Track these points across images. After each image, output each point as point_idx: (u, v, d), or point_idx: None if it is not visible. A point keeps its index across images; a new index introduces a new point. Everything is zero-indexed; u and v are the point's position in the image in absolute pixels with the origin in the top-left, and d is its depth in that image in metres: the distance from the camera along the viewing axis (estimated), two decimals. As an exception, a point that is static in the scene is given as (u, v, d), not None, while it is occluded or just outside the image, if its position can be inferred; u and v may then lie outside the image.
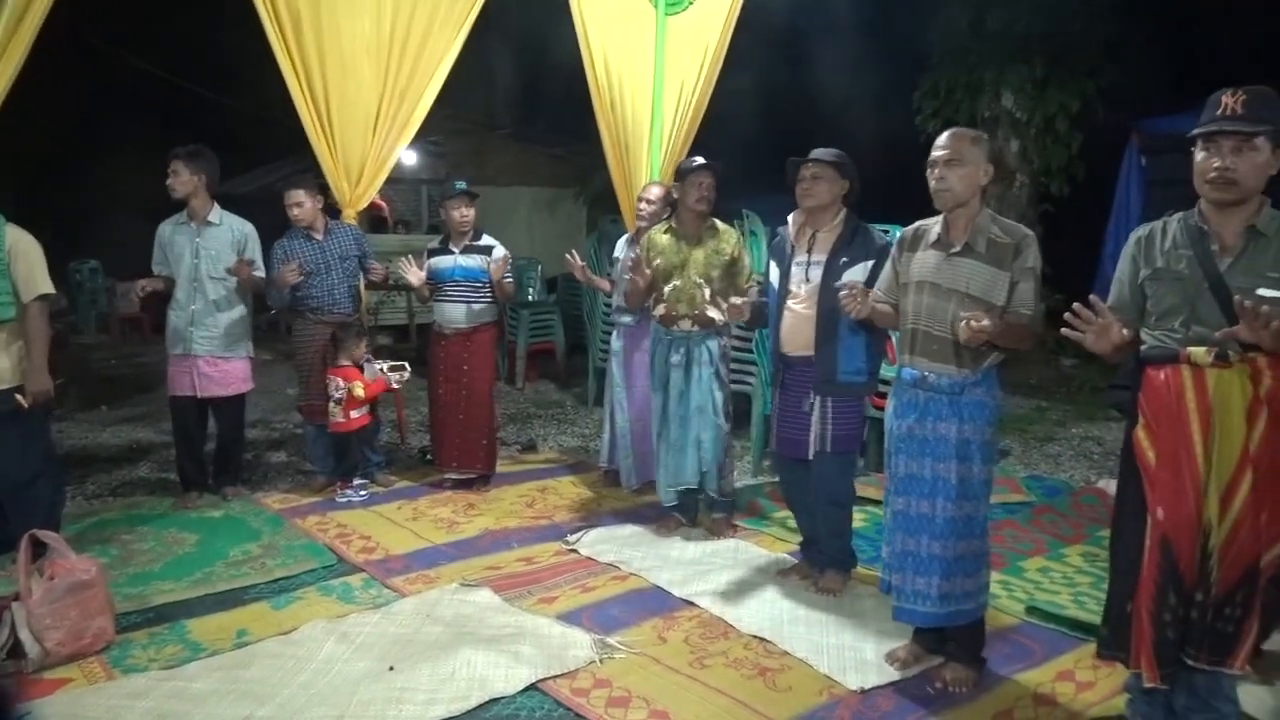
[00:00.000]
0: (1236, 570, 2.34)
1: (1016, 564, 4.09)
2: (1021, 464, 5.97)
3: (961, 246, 2.87)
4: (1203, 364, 2.33)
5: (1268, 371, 2.26)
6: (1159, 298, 2.45)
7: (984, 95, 9.29)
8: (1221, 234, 2.36)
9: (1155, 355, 2.44)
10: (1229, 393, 2.30)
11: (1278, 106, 2.30)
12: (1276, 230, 2.31)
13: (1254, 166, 2.28)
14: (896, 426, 3.00)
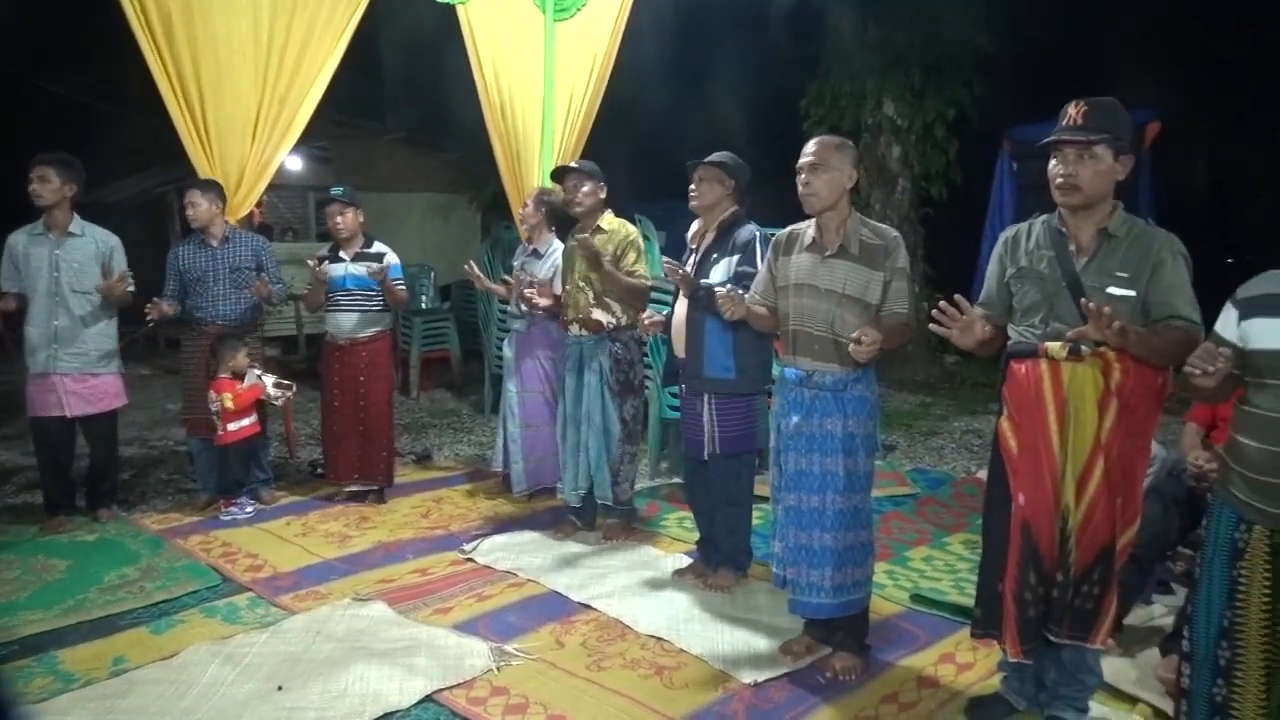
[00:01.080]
0: (1092, 551, 2.49)
1: (902, 554, 4.25)
2: (907, 458, 6.19)
3: (836, 249, 2.97)
4: (1059, 358, 2.47)
5: (1117, 365, 2.41)
6: (1023, 295, 2.59)
7: (867, 103, 9.61)
8: (1078, 236, 2.51)
9: (1018, 350, 2.58)
10: (1083, 385, 2.45)
11: (1119, 116, 2.46)
12: (1126, 233, 2.47)
13: (1095, 173, 2.43)
14: (784, 424, 3.08)
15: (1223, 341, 2.15)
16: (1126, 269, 2.42)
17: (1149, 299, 2.41)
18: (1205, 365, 2.03)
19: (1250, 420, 2.10)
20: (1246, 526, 2.11)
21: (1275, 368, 2.05)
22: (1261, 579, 2.09)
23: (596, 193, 4.26)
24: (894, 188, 9.69)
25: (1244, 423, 2.13)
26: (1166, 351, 2.34)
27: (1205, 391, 2.11)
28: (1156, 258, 2.41)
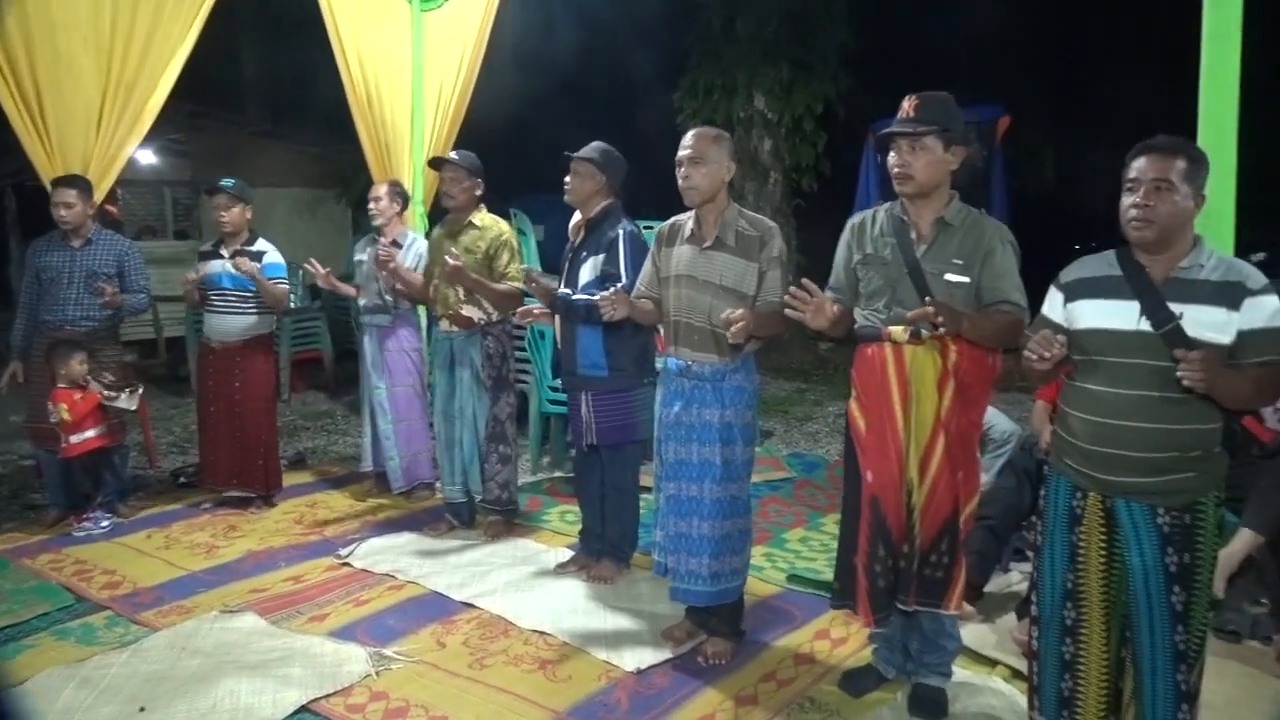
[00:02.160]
0: (937, 524, 2.63)
1: (780, 536, 4.37)
2: (783, 443, 6.37)
3: (713, 240, 3.02)
4: (901, 341, 2.60)
5: (953, 348, 2.56)
6: (868, 280, 2.70)
7: (738, 96, 9.79)
8: (918, 224, 2.64)
9: (864, 333, 2.71)
10: (923, 366, 2.59)
11: (949, 110, 2.59)
12: (962, 222, 2.61)
13: (927, 163, 2.56)
14: (664, 414, 3.12)
15: (1049, 323, 2.30)
16: (962, 256, 2.56)
17: (981, 285, 2.56)
18: (1042, 351, 2.16)
19: (1079, 395, 2.24)
20: (1082, 494, 2.26)
21: (1100, 345, 2.19)
22: (1098, 542, 2.24)
23: (473, 188, 4.19)
24: (766, 180, 9.92)
25: (1074, 397, 2.27)
26: (996, 335, 2.49)
27: (1041, 375, 2.25)
28: (988, 246, 2.56)
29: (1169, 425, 2.12)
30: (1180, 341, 2.06)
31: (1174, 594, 2.15)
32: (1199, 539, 2.15)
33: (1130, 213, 2.14)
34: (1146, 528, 2.17)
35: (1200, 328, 2.07)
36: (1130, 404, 2.14)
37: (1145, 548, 2.17)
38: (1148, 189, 2.12)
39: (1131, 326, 2.14)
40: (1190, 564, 2.15)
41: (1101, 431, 2.18)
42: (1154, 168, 2.12)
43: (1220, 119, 3.23)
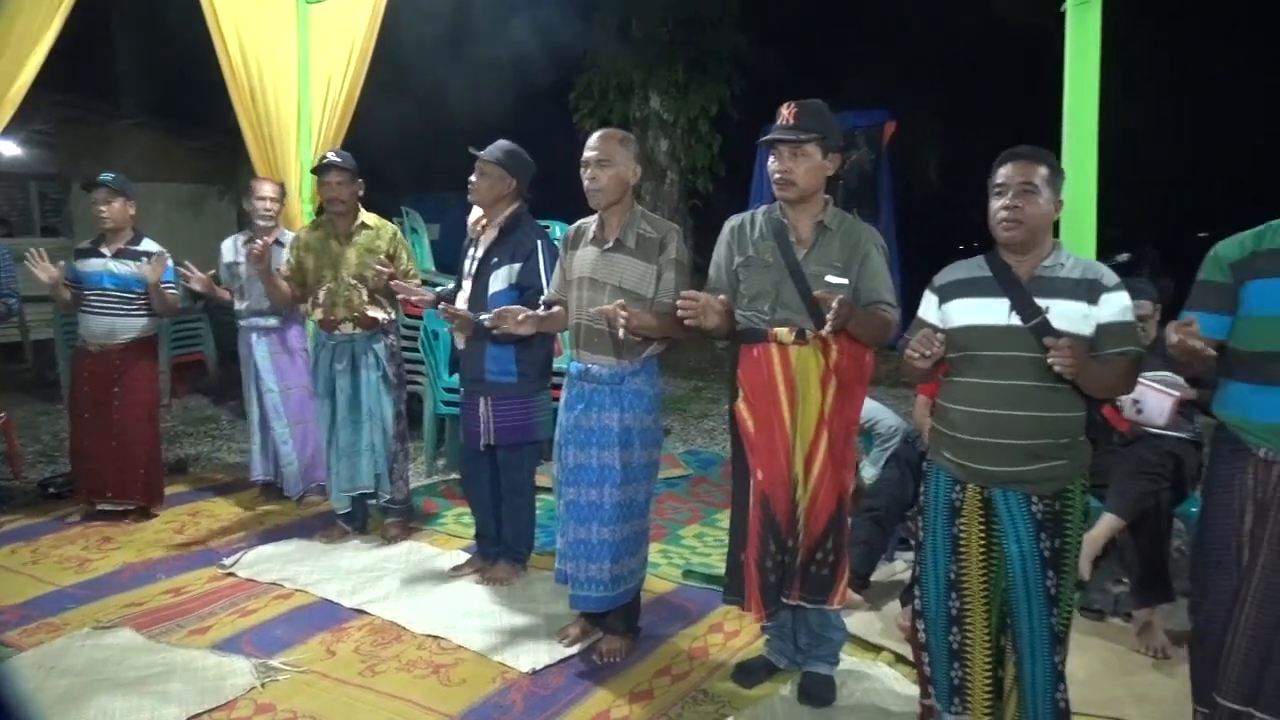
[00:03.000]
0: (822, 521, 2.71)
1: (676, 533, 4.42)
2: (680, 441, 6.44)
3: (614, 242, 3.02)
4: (786, 342, 2.67)
5: (834, 346, 2.65)
6: (750, 282, 2.75)
7: (634, 96, 9.87)
8: (798, 228, 2.72)
9: (748, 334, 2.76)
10: (807, 366, 2.66)
11: (827, 117, 2.68)
12: (839, 225, 2.70)
13: (808, 169, 2.64)
14: (566, 418, 3.11)
15: (925, 324, 2.40)
16: (841, 259, 2.66)
17: (859, 286, 2.65)
18: (923, 349, 2.26)
19: (958, 389, 2.35)
20: (961, 487, 2.36)
21: (975, 340, 2.31)
22: (978, 532, 2.35)
23: (358, 190, 4.12)
24: (663, 180, 10.03)
25: (953, 392, 2.37)
26: (874, 333, 2.60)
27: (920, 373, 2.35)
28: (864, 249, 2.67)
29: (1042, 413, 2.25)
30: (1048, 333, 2.20)
31: (1048, 578, 2.27)
32: (1068, 524, 2.29)
33: (1000, 214, 2.27)
34: (1022, 516, 2.28)
35: (1065, 320, 2.22)
36: (1007, 394, 2.26)
37: (1022, 535, 2.28)
38: (1016, 192, 2.25)
39: (1003, 321, 2.26)
40: (1060, 548, 2.28)
41: (981, 422, 2.28)
42: (1020, 173, 2.25)
43: (1082, 127, 3.43)
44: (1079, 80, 3.43)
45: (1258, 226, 2.23)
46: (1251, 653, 2.12)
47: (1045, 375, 2.19)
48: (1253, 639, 2.12)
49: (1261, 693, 2.12)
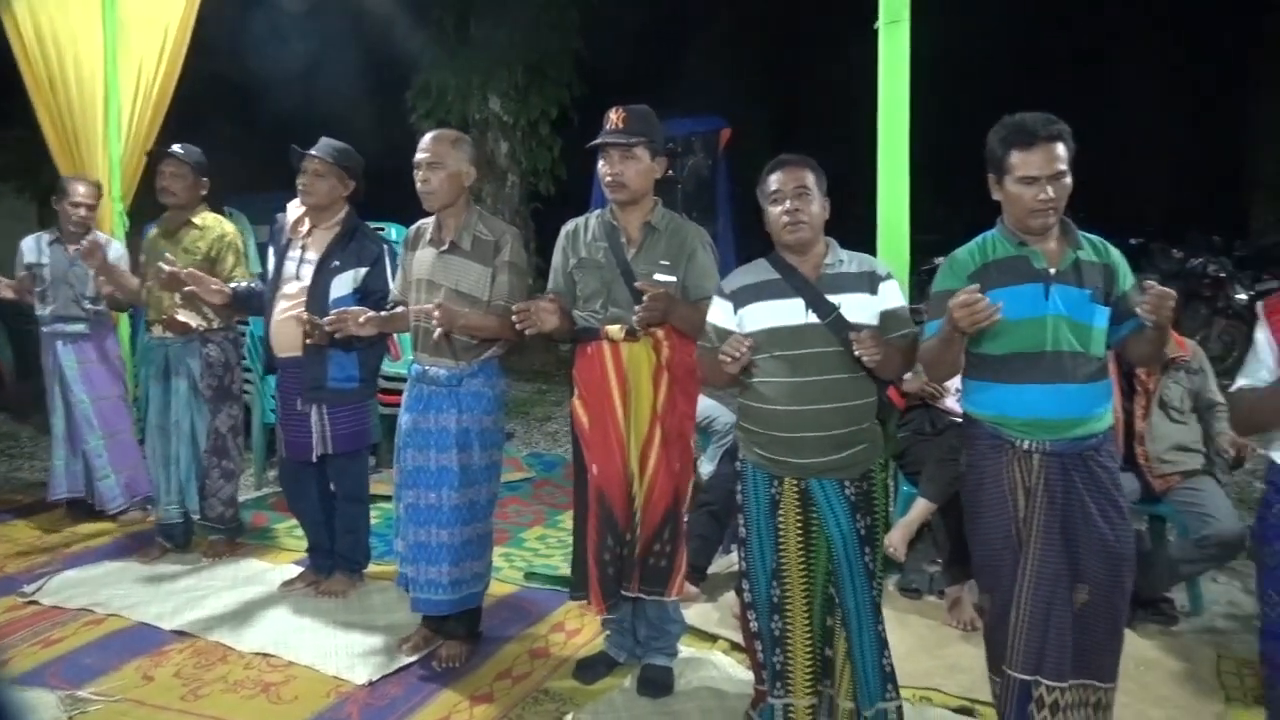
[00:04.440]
0: (658, 514, 2.79)
1: (518, 536, 4.41)
2: (524, 444, 6.43)
3: (450, 244, 3.00)
4: (618, 339, 2.75)
5: (665, 343, 2.74)
6: (584, 283, 2.83)
7: (473, 98, 9.74)
8: (628, 229, 2.81)
9: (583, 333, 2.83)
10: (639, 362, 2.75)
11: (653, 121, 2.78)
12: (666, 226, 2.81)
13: (637, 172, 2.74)
14: (405, 421, 3.07)
15: (720, 331, 2.50)
16: (668, 257, 2.76)
17: (687, 283, 2.77)
18: (733, 352, 2.36)
19: (766, 389, 2.45)
20: (779, 482, 2.48)
21: (777, 341, 2.42)
22: (795, 523, 2.47)
23: (197, 186, 3.91)
24: (504, 182, 9.95)
25: (761, 392, 2.46)
26: (699, 327, 2.66)
27: (730, 377, 2.44)
28: (690, 247, 2.78)
29: (847, 402, 2.40)
30: (844, 327, 2.35)
31: (866, 554, 2.44)
32: (875, 503, 2.47)
33: (783, 219, 2.41)
34: (838, 500, 2.43)
35: (855, 313, 2.39)
36: (812, 389, 2.39)
37: (840, 518, 2.42)
38: (793, 195, 2.39)
39: (801, 320, 2.40)
40: (872, 525, 2.46)
41: (792, 418, 2.40)
42: (793, 178, 2.41)
43: (894, 140, 3.66)
44: (891, 96, 3.66)
45: (977, 237, 2.42)
46: (1033, 628, 2.32)
47: (845, 367, 2.36)
48: (1033, 615, 2.32)
49: (1044, 663, 2.32)
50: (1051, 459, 2.30)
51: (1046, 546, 2.30)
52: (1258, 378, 2.12)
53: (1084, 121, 2.87)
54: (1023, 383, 2.30)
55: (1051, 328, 2.28)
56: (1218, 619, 3.44)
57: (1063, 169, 2.25)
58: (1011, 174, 2.28)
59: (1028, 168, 2.25)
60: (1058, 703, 2.32)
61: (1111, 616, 2.35)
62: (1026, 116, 2.27)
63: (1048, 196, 2.24)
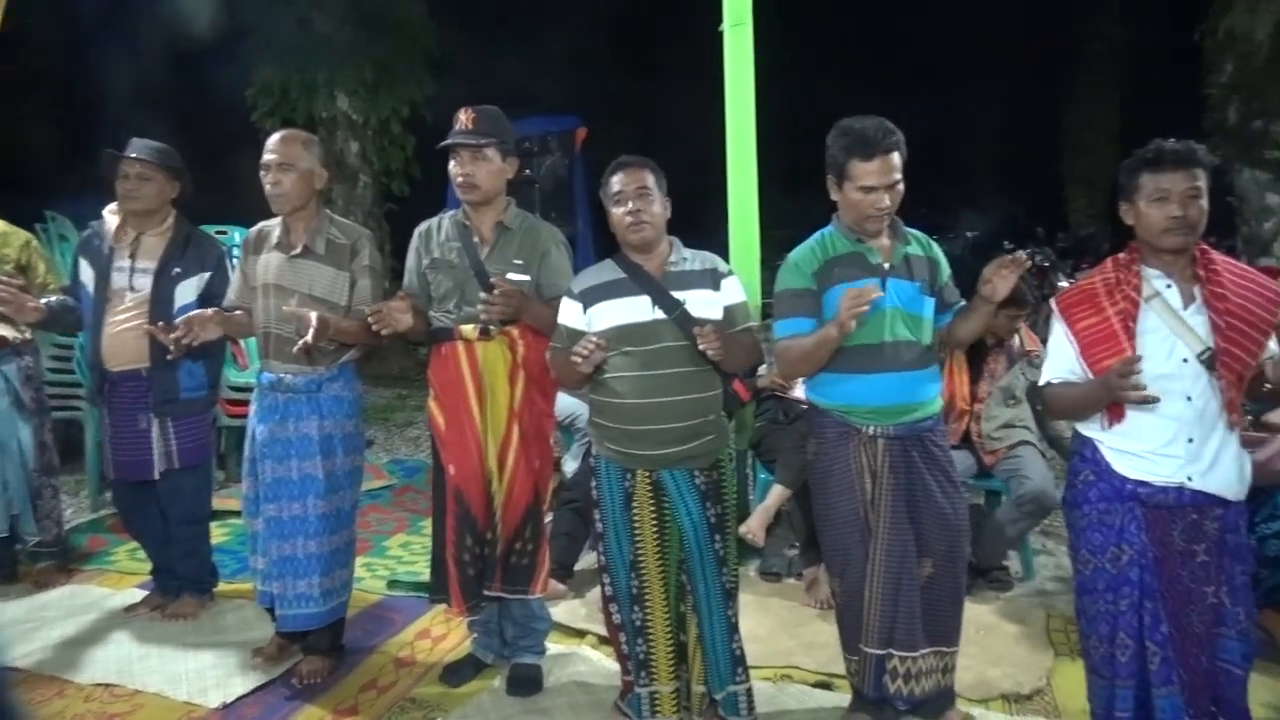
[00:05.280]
0: (519, 512, 2.80)
1: (380, 545, 4.32)
2: (384, 450, 6.28)
3: (302, 248, 2.91)
4: (472, 339, 2.74)
5: (521, 342, 2.76)
6: (438, 283, 2.81)
7: (319, 95, 9.41)
8: (480, 229, 2.81)
9: (438, 333, 2.81)
10: (494, 361, 2.75)
11: (503, 122, 2.79)
12: (519, 225, 2.83)
13: (489, 172, 2.74)
14: (260, 432, 2.95)
15: (571, 331, 2.55)
16: (521, 256, 2.78)
17: (541, 281, 2.79)
18: (582, 351, 2.40)
19: (619, 384, 2.50)
20: (631, 475, 2.54)
21: (627, 338, 2.49)
22: (650, 514, 2.54)
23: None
24: (355, 183, 9.66)
25: (614, 388, 2.52)
26: (554, 323, 2.68)
27: (582, 377, 2.49)
28: (544, 247, 2.81)
29: (695, 395, 2.49)
30: (690, 322, 2.43)
31: (716, 542, 2.53)
32: (725, 491, 2.57)
33: (627, 219, 2.48)
34: (689, 489, 2.51)
35: (700, 308, 2.48)
36: (661, 383, 2.46)
37: (691, 507, 2.51)
38: (635, 196, 2.47)
39: (648, 317, 2.48)
40: (723, 513, 2.55)
41: (643, 412, 2.47)
42: (634, 179, 2.49)
43: (742, 137, 3.80)
44: (738, 95, 3.79)
45: (815, 235, 2.55)
46: (885, 604, 2.47)
47: (692, 360, 2.45)
48: (884, 592, 2.47)
49: (896, 636, 2.48)
50: (894, 442, 2.46)
51: (894, 526, 2.45)
52: (1065, 372, 2.29)
53: (924, 123, 3.06)
54: (865, 372, 2.43)
55: (889, 319, 2.42)
56: (1046, 583, 3.72)
57: (898, 178, 2.40)
58: (852, 181, 2.41)
59: (866, 177, 2.38)
60: (910, 671, 2.48)
61: (953, 585, 2.54)
62: (866, 126, 2.39)
63: (885, 204, 2.39)
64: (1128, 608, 2.17)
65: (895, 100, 3.45)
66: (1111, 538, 2.19)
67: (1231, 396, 2.11)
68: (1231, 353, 2.09)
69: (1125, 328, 2.16)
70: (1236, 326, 2.09)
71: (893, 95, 8.59)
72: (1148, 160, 2.15)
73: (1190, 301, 2.15)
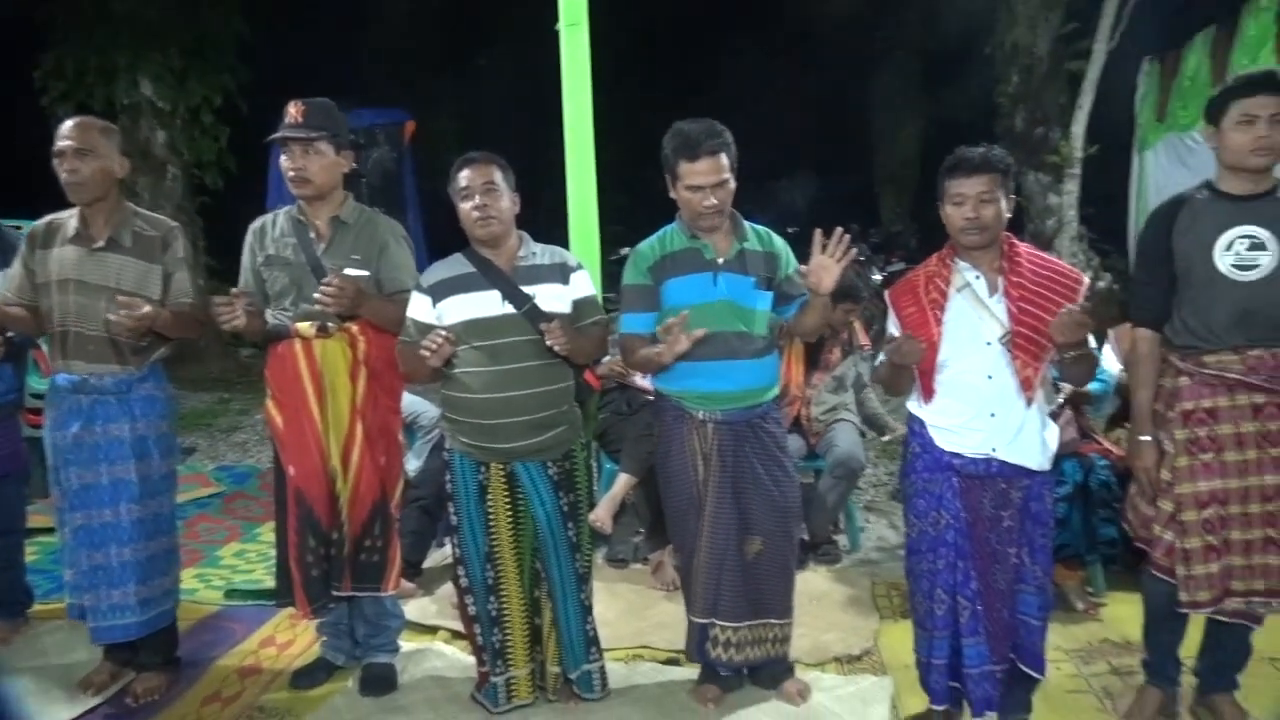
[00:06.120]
0: (365, 509, 2.77)
1: (213, 555, 4.13)
2: (209, 458, 5.97)
3: (106, 241, 2.75)
4: (309, 336, 2.69)
5: (362, 338, 2.72)
6: (274, 281, 2.75)
7: (119, 81, 8.76)
8: (316, 224, 2.76)
9: (275, 332, 2.74)
10: (334, 359, 2.71)
11: (335, 115, 2.74)
12: (357, 219, 2.78)
13: (321, 166, 2.69)
14: (60, 438, 2.76)
15: (420, 325, 2.56)
16: (359, 251, 2.74)
17: (381, 276, 2.76)
18: (430, 345, 2.41)
19: (470, 379, 2.54)
20: (485, 468, 2.59)
21: (477, 332, 2.52)
22: (504, 505, 2.60)
23: None
24: (163, 175, 9.06)
25: (465, 382, 2.55)
26: (398, 320, 2.68)
27: (432, 372, 2.51)
28: (383, 241, 2.78)
29: (545, 387, 2.56)
30: (539, 316, 2.51)
31: (569, 529, 2.62)
32: (577, 480, 2.66)
33: (474, 215, 2.52)
34: (542, 480, 2.59)
35: (550, 302, 2.55)
36: (512, 376, 2.52)
37: (545, 497, 2.59)
38: (482, 191, 2.50)
39: (498, 311, 2.53)
40: (575, 502, 2.64)
41: (496, 405, 2.52)
42: (481, 175, 2.53)
43: (580, 135, 3.87)
44: (575, 94, 3.86)
45: (659, 231, 2.68)
46: (709, 576, 2.64)
47: (541, 354, 2.51)
48: (709, 565, 2.63)
49: (719, 606, 2.64)
50: (724, 427, 2.61)
51: (719, 505, 2.61)
52: None
53: (748, 124, 3.24)
54: (697, 360, 2.56)
55: (718, 311, 2.57)
56: (871, 552, 4.02)
57: (725, 177, 2.53)
58: (681, 180, 2.54)
59: (693, 177, 2.52)
60: (730, 640, 2.66)
61: (781, 562, 2.71)
62: (693, 129, 2.52)
63: (712, 202, 2.52)
64: (944, 567, 2.41)
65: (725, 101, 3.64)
66: (933, 504, 2.42)
67: (1027, 375, 2.34)
68: (1026, 335, 2.33)
69: (934, 315, 2.40)
70: (1031, 312, 2.32)
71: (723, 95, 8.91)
72: (948, 167, 2.38)
73: (995, 291, 2.39)
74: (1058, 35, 7.88)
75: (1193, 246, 2.37)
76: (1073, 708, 2.70)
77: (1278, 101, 2.28)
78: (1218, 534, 2.37)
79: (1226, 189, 2.37)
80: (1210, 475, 2.37)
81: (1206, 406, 2.37)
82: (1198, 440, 2.38)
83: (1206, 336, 2.37)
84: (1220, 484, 2.37)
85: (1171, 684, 2.62)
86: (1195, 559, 2.38)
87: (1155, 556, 2.46)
